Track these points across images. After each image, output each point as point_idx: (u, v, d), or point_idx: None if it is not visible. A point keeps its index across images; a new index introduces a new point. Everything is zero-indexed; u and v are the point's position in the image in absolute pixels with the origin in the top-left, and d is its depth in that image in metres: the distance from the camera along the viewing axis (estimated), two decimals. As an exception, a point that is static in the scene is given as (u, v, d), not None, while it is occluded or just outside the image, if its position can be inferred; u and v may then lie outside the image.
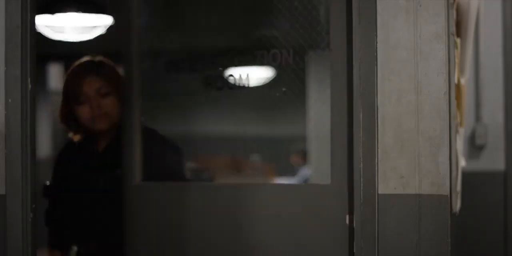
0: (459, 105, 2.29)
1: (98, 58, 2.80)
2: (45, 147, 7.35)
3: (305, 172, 7.46)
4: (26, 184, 2.14)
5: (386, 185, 1.87)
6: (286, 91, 2.26)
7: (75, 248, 2.46)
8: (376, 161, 1.89)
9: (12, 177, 2.13)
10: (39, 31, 3.39)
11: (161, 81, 2.78)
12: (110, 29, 3.60)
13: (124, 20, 2.67)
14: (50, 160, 7.70)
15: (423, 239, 1.85)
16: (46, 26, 3.44)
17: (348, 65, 2.04)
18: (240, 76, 2.77)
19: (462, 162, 2.47)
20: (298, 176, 7.71)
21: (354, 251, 1.91)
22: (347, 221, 2.00)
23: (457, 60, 2.21)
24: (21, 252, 2.13)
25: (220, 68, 2.74)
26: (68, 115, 2.64)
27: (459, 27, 2.26)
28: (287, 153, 7.96)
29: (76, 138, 2.68)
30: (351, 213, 2.00)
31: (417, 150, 1.86)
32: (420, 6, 1.96)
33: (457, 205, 2.28)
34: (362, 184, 1.90)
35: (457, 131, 2.25)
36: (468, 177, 2.89)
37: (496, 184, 3.35)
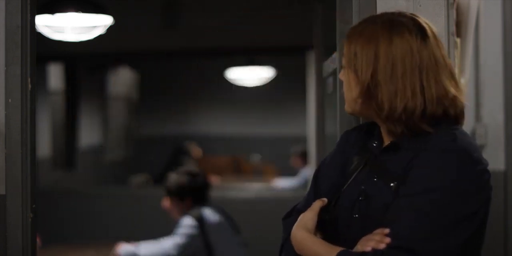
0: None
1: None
2: (45, 147, 7.36)
3: (306, 173, 7.47)
4: (26, 184, 2.14)
5: (386, 185, 1.86)
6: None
7: None
8: (376, 161, 1.88)
9: (12, 177, 2.13)
10: (39, 31, 3.39)
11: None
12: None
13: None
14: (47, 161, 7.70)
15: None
16: (46, 26, 3.44)
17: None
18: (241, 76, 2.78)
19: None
20: (299, 177, 7.71)
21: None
22: None
23: (457, 60, 2.21)
24: (21, 252, 2.13)
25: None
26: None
27: (459, 27, 2.26)
28: (288, 153, 7.96)
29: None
30: None
31: (417, 150, 1.86)
32: (420, 6, 1.96)
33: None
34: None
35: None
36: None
37: (496, 184, 3.35)
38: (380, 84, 1.61)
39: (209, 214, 3.90)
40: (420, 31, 1.63)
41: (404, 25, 1.63)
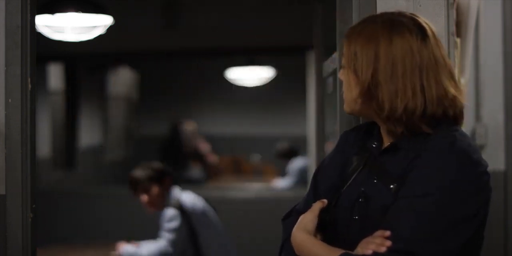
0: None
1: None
2: (45, 147, 7.36)
3: (295, 165, 7.48)
4: (26, 184, 2.14)
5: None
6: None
7: None
8: (376, 161, 1.88)
9: (12, 177, 2.13)
10: (39, 31, 3.38)
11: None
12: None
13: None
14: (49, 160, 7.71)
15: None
16: (46, 26, 3.44)
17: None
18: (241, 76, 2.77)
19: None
20: (290, 174, 7.68)
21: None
22: None
23: (457, 60, 2.21)
24: (21, 252, 2.13)
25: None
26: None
27: (459, 27, 2.26)
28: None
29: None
30: None
31: (417, 150, 1.86)
32: (420, 6, 1.96)
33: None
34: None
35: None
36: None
37: (496, 184, 3.35)
38: (380, 84, 1.61)
39: (187, 198, 3.99)
40: (420, 31, 1.63)
41: (404, 25, 1.63)
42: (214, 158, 8.41)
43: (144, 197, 3.99)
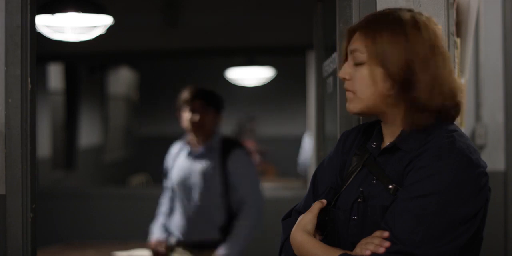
0: (459, 105, 2.28)
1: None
2: (45, 147, 7.36)
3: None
4: (26, 184, 2.14)
5: (386, 185, 1.86)
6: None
7: None
8: (376, 161, 1.88)
9: (12, 177, 2.13)
10: (39, 31, 3.38)
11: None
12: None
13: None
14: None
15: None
16: (46, 26, 3.44)
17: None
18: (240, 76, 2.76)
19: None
20: (303, 149, 7.57)
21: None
22: None
23: (457, 60, 2.21)
24: (21, 252, 2.13)
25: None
26: None
27: (459, 27, 2.26)
28: (288, 153, 7.86)
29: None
30: None
31: (417, 150, 1.86)
32: (420, 6, 1.96)
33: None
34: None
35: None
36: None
37: (496, 184, 3.35)
38: (416, 74, 1.60)
39: None
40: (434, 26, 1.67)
41: (420, 18, 1.65)
42: (255, 158, 8.48)
43: (197, 116, 3.88)
